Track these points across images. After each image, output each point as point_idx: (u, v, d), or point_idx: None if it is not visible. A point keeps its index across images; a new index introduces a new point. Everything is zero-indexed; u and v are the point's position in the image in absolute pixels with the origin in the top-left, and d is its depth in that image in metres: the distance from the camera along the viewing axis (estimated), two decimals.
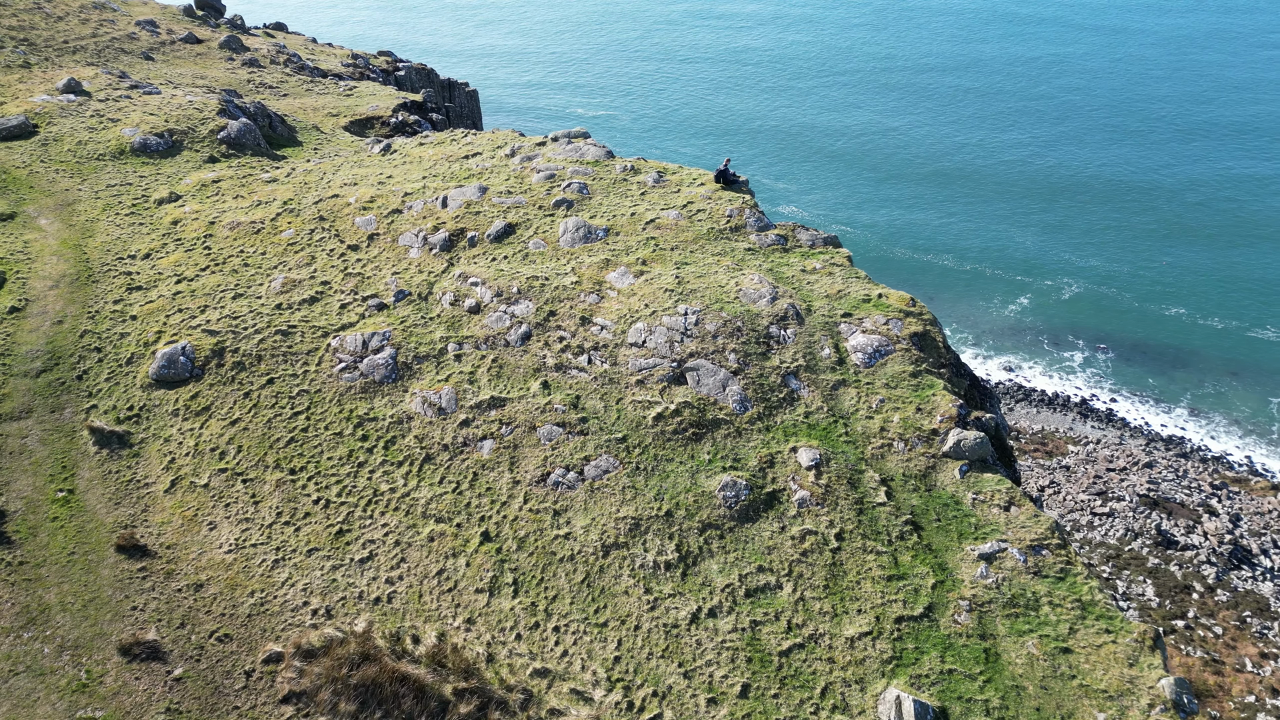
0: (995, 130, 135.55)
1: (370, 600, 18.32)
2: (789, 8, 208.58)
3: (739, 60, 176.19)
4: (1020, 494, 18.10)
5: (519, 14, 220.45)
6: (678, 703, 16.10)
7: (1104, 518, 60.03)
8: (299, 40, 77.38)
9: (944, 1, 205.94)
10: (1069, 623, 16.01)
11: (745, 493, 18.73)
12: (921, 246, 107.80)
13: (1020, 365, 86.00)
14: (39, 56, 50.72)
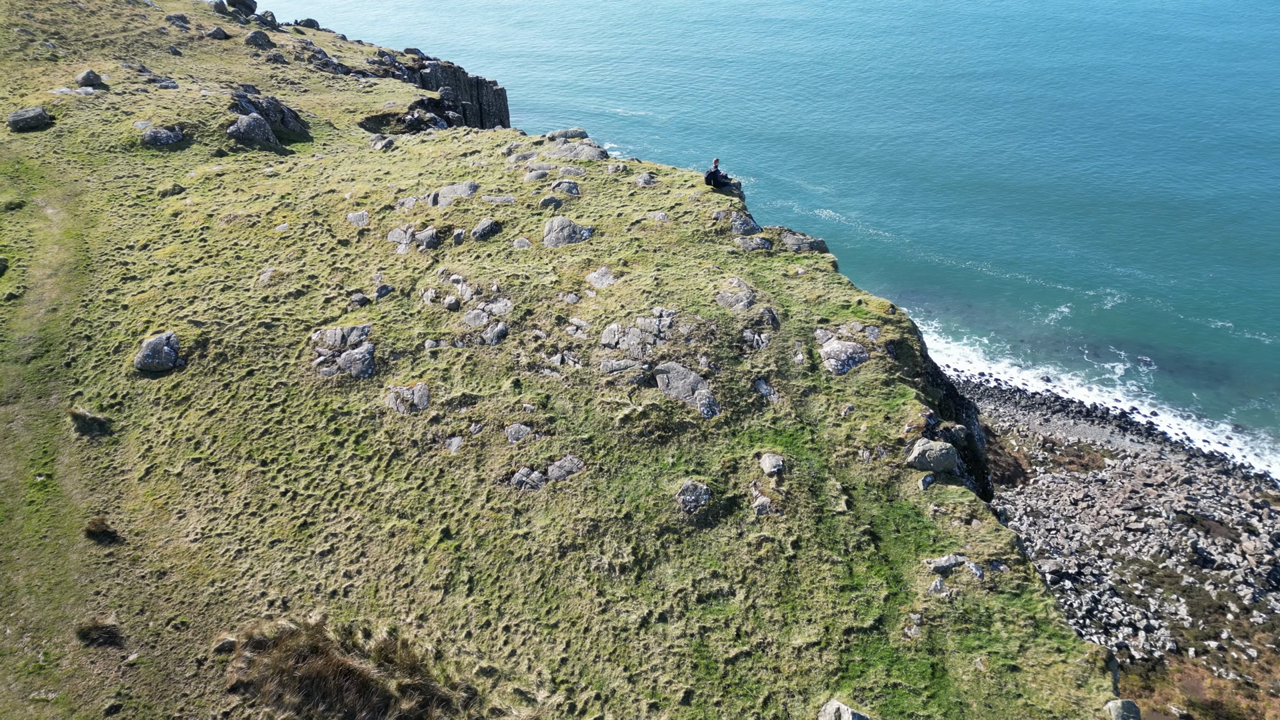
0: (1035, 138, 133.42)
1: (327, 593, 18.43)
2: (828, 11, 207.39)
3: (777, 64, 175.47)
4: (983, 507, 17.75)
5: (558, 15, 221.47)
6: (619, 707, 16.00)
7: (1138, 533, 58.88)
8: (328, 37, 78.30)
9: (985, 7, 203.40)
10: (1020, 640, 15.66)
11: (705, 497, 18.57)
12: (959, 253, 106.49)
13: (1058, 376, 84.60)
14: (68, 50, 51.81)
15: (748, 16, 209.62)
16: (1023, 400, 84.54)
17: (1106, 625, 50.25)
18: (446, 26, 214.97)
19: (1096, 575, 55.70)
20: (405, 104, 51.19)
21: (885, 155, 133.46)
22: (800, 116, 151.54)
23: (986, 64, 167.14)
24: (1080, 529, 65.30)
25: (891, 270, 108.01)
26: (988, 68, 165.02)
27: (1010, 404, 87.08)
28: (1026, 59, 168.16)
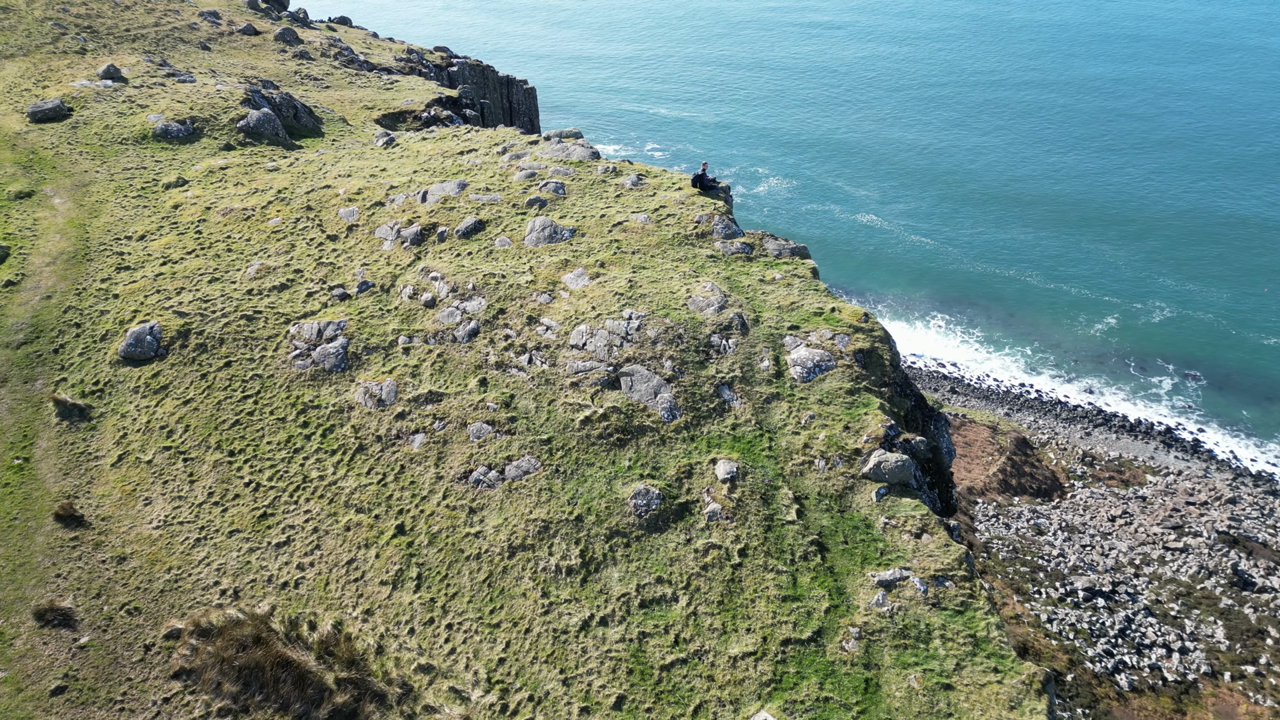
0: (1085, 148, 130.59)
1: (279, 584, 18.61)
2: (874, 16, 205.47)
3: (821, 68, 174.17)
4: (935, 521, 17.42)
5: (601, 16, 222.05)
6: (551, 709, 15.95)
7: (1177, 553, 57.64)
8: (359, 35, 79.30)
9: (1037, 13, 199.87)
10: (957, 658, 15.34)
11: (657, 502, 18.45)
12: (1002, 262, 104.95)
13: (1102, 389, 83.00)
14: (98, 44, 53.01)
15: (793, 20, 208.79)
16: (1063, 413, 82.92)
17: (1139, 645, 49.16)
18: (489, 27, 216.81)
19: (1131, 594, 54.53)
20: (423, 101, 51.64)
21: (930, 163, 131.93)
22: (843, 121, 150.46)
23: (1037, 71, 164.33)
24: (1117, 546, 64.02)
25: (933, 277, 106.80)
26: (1038, 75, 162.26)
27: (1050, 416, 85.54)
28: (1078, 67, 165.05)
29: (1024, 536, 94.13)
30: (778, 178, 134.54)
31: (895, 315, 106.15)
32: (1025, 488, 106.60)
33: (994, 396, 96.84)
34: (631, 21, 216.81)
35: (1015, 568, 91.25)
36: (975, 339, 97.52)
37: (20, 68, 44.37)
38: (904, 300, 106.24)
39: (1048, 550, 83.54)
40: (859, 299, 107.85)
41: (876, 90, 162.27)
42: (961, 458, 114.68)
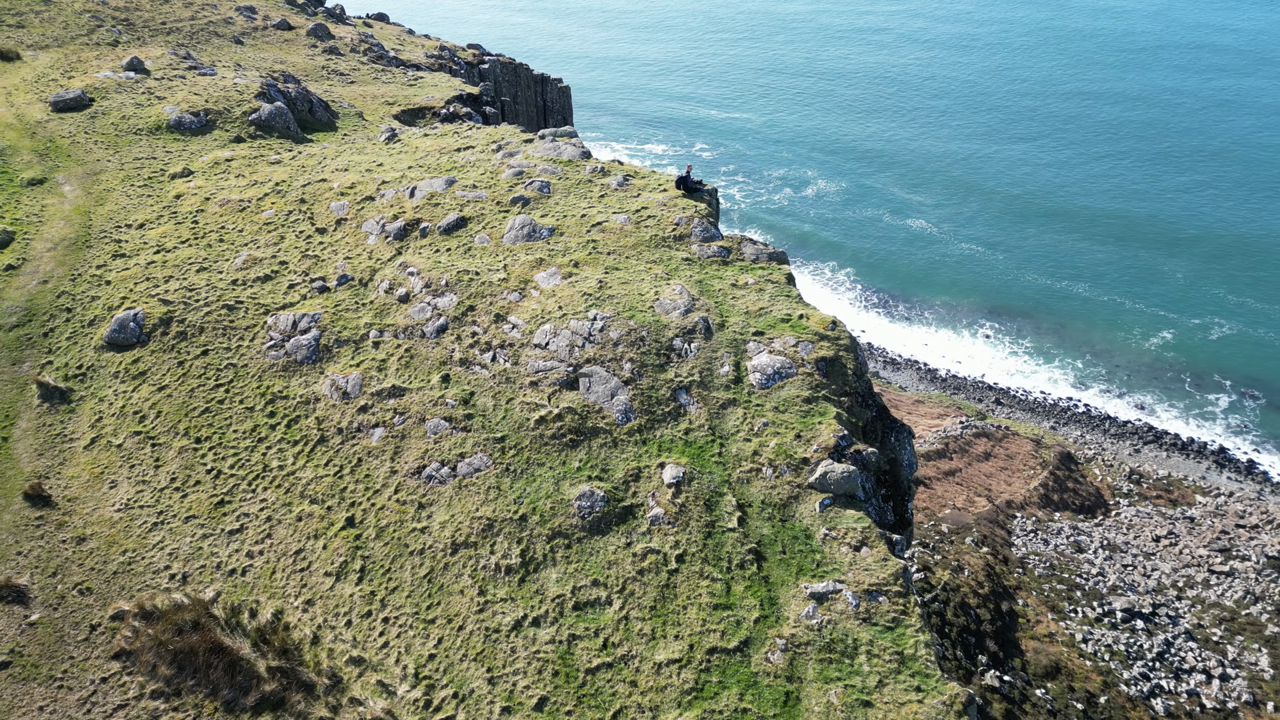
0: (1148, 164, 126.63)
1: (227, 571, 18.88)
2: (938, 24, 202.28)
3: (881, 77, 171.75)
4: (876, 535, 17.10)
5: (656, 17, 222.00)
6: (474, 707, 15.97)
7: (1222, 577, 56.15)
8: (393, 31, 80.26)
9: (1104, 22, 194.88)
10: (880, 675, 15.04)
11: (601, 504, 18.38)
12: (1055, 272, 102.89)
13: (1154, 405, 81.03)
14: (132, 36, 54.33)
15: (847, 24, 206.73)
16: (1112, 428, 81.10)
17: (1178, 670, 47.93)
18: (531, 26, 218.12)
19: (1172, 617, 53.20)
20: (443, 98, 52.09)
21: (981, 171, 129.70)
22: (894, 127, 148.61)
23: (1095, 81, 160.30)
24: (1160, 567, 62.51)
25: (982, 285, 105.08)
26: (1096, 85, 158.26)
27: (1098, 431, 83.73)
28: (1138, 77, 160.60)
29: (1063, 553, 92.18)
30: (826, 180, 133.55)
31: (942, 323, 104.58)
32: (1067, 503, 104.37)
33: (1040, 409, 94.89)
34: (682, 24, 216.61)
35: (1051, 585, 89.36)
36: (1024, 350, 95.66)
37: (53, 58, 45.64)
38: (951, 308, 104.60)
39: (1087, 568, 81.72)
40: (905, 304, 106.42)
41: (929, 97, 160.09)
42: (1002, 470, 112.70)
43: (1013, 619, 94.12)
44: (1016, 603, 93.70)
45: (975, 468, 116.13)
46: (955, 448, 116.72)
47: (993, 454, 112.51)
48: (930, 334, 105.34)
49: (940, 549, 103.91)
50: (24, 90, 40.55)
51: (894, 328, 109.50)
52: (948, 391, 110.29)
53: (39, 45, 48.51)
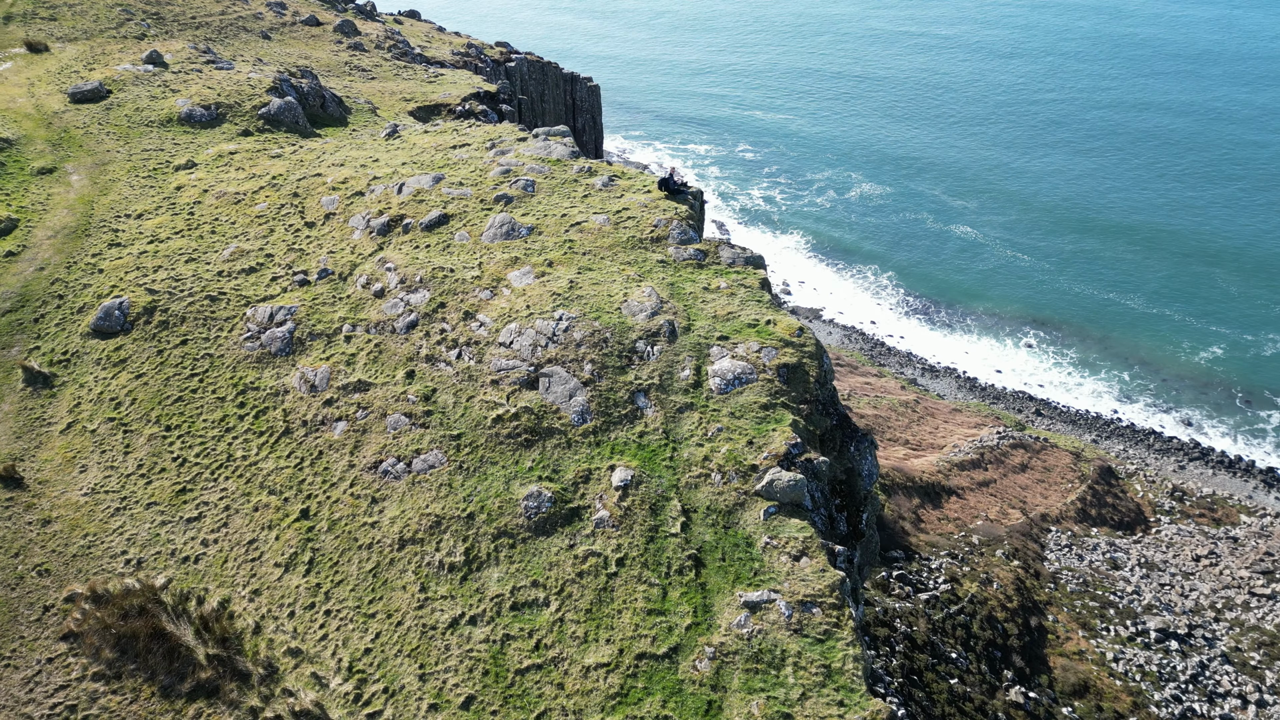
0: (1208, 181, 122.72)
1: (180, 558, 19.16)
2: (989, 30, 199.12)
3: (930, 84, 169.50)
4: (816, 545, 16.86)
5: (704, 19, 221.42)
6: (403, 703, 16.03)
7: (1264, 600, 54.81)
8: (424, 28, 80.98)
9: (1164, 31, 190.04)
10: (804, 688, 14.83)
11: (548, 505, 18.35)
12: (1102, 283, 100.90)
13: (1202, 421, 79.25)
14: (161, 30, 55.43)
15: (902, 29, 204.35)
16: (1157, 443, 79.43)
17: (1212, 694, 46.80)
18: (581, 29, 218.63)
19: (1209, 639, 51.97)
20: (459, 95, 52.43)
21: (1030, 180, 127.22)
22: (943, 135, 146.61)
23: (1155, 94, 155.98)
24: (1198, 587, 61.20)
25: (1027, 294, 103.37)
26: (1156, 97, 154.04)
27: (1141, 446, 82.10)
28: (1201, 90, 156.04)
29: (1097, 569, 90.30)
30: (870, 184, 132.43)
31: (984, 331, 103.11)
32: (1106, 519, 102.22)
33: (1082, 422, 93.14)
34: (728, 25, 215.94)
35: (1084, 601, 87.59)
36: (1068, 361, 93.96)
37: (78, 50, 46.73)
38: (994, 316, 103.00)
39: (1122, 586, 79.98)
40: (947, 311, 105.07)
41: (977, 104, 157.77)
42: (1038, 483, 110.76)
43: (1041, 635, 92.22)
44: (1046, 618, 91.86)
45: (1011, 479, 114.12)
46: (991, 458, 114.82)
47: (1030, 465, 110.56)
48: (971, 342, 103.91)
49: (969, 560, 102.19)
50: (45, 81, 41.56)
51: (934, 335, 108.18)
52: (986, 401, 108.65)
53: (68, 38, 49.71)
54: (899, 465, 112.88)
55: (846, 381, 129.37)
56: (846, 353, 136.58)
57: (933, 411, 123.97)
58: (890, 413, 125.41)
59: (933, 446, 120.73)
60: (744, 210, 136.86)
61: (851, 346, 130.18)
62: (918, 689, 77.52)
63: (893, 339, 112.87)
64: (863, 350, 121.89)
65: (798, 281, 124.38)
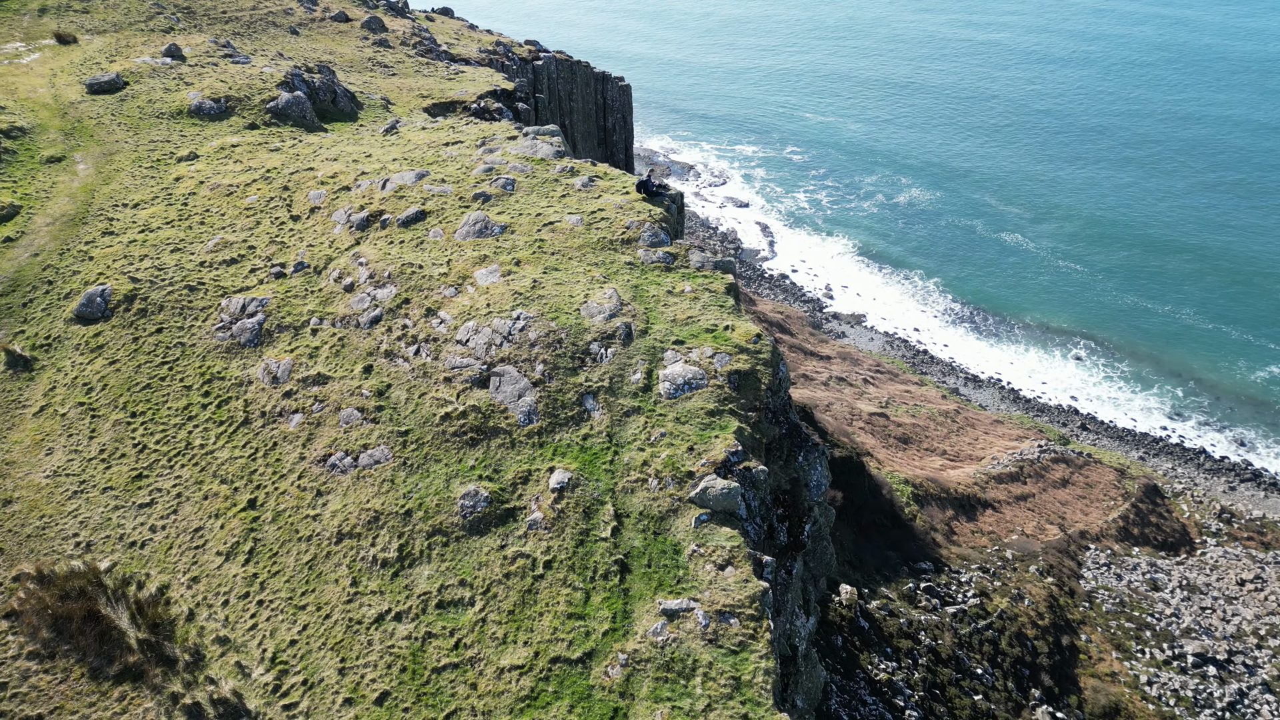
0: (1272, 199, 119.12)
1: (128, 543, 19.49)
2: (1056, 39, 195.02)
3: (986, 93, 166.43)
4: (743, 555, 16.63)
5: (759, 23, 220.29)
6: (319, 696, 16.13)
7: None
8: (454, 25, 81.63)
9: (1236, 42, 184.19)
10: (710, 699, 14.63)
11: (483, 504, 18.35)
12: (1158, 296, 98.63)
13: (1256, 441, 77.25)
14: (190, 24, 56.57)
15: (964, 37, 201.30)
16: (1206, 463, 77.47)
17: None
18: (633, 31, 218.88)
19: (1250, 666, 50.58)
20: (476, 93, 52.73)
21: (1089, 195, 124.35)
22: (1001, 146, 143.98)
23: (1225, 108, 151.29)
24: (1241, 613, 59.66)
25: (1077, 305, 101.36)
26: (1225, 112, 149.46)
27: (1191, 465, 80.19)
28: (1274, 106, 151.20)
29: (1136, 590, 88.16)
30: (920, 189, 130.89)
31: (1031, 342, 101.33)
32: (1148, 538, 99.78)
33: (1129, 438, 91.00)
34: (783, 30, 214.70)
35: (1119, 622, 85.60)
36: (1118, 375, 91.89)
37: (104, 43, 47.86)
38: (1042, 327, 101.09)
39: (1160, 608, 77.96)
40: (993, 320, 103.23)
41: (1036, 115, 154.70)
42: (1079, 499, 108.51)
43: (1073, 654, 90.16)
44: (1079, 638, 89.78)
45: (1050, 494, 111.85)
46: (1030, 471, 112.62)
47: (1071, 481, 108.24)
48: (1017, 353, 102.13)
49: (1001, 575, 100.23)
50: (67, 72, 42.62)
51: (979, 344, 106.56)
52: (1030, 413, 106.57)
53: (97, 30, 50.94)
54: (934, 476, 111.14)
55: (885, 389, 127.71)
56: (887, 360, 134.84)
57: (973, 422, 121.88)
58: (929, 422, 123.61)
59: (971, 458, 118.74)
60: (789, 213, 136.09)
61: (893, 354, 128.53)
62: (939, 703, 76.09)
63: (936, 347, 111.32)
64: (904, 358, 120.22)
65: (840, 286, 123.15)
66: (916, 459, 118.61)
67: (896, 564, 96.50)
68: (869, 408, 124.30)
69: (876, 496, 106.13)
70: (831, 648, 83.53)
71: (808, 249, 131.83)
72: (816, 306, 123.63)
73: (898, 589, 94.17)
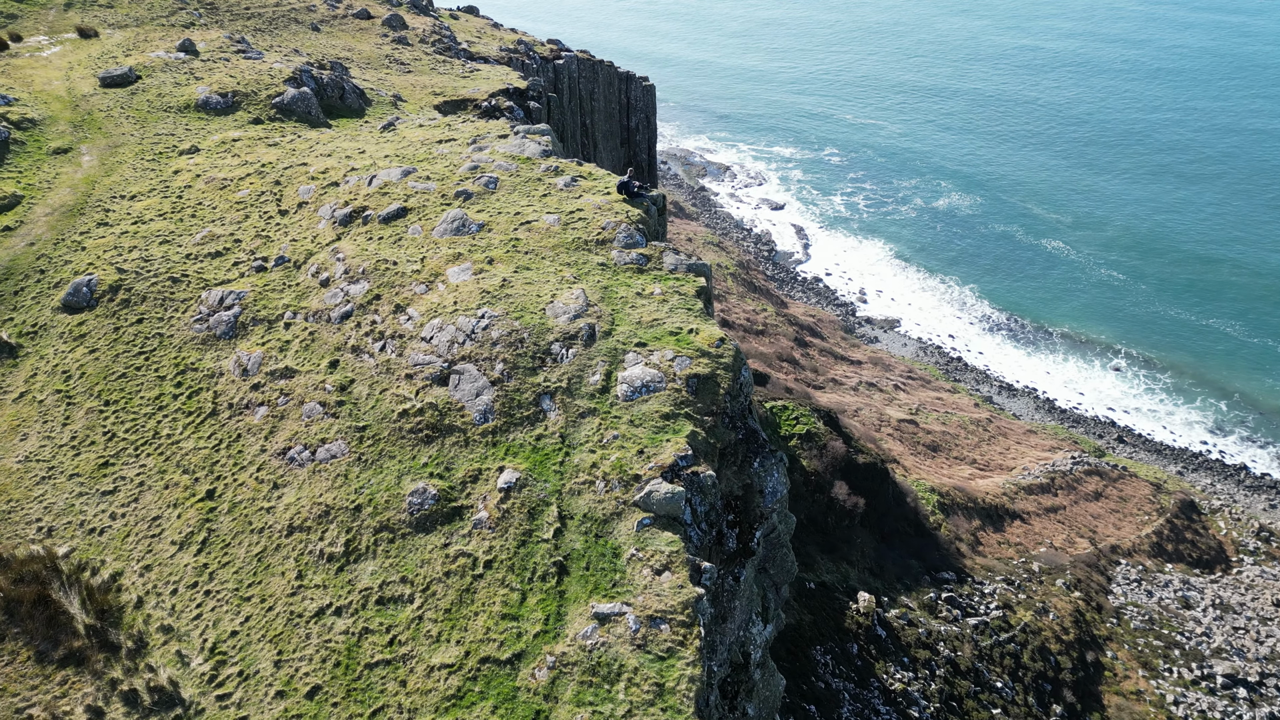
0: None
1: (88, 529, 19.79)
2: (1105, 46, 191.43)
3: (1035, 103, 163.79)
4: (681, 561, 16.48)
5: (801, 28, 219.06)
6: (253, 687, 16.25)
7: None
8: (478, 23, 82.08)
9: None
10: (631, 705, 14.51)
11: (431, 502, 18.38)
12: (1204, 309, 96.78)
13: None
14: (212, 19, 57.43)
15: (1012, 43, 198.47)
16: (1247, 480, 75.87)
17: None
18: (675, 34, 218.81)
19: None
20: (487, 91, 52.94)
21: (1132, 207, 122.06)
22: (1043, 156, 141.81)
23: (1273, 121, 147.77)
24: (1276, 634, 58.46)
25: (1118, 315, 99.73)
26: (1274, 124, 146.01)
27: (1230, 481, 78.62)
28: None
29: (1166, 607, 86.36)
30: (960, 194, 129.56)
31: (1069, 351, 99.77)
32: (1182, 555, 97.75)
33: (1167, 452, 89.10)
34: (825, 34, 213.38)
35: (1148, 640, 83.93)
36: (1158, 388, 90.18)
37: (125, 37, 48.75)
38: (1082, 337, 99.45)
39: (1191, 627, 76.26)
40: (1030, 328, 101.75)
41: (1082, 126, 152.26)
42: (1112, 513, 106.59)
43: (1097, 671, 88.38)
44: (1104, 654, 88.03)
45: (1082, 507, 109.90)
46: (1062, 483, 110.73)
47: (1104, 494, 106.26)
48: (1055, 362, 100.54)
49: (1027, 588, 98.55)
50: (84, 65, 43.46)
51: (1015, 352, 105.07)
52: (1065, 424, 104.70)
53: (119, 24, 51.91)
54: (962, 485, 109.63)
55: (916, 395, 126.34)
56: (919, 366, 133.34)
57: (1005, 431, 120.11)
58: (960, 430, 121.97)
59: (1001, 468, 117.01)
60: (825, 216, 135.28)
61: (926, 360, 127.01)
62: (955, 716, 74.80)
63: (970, 354, 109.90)
64: (937, 364, 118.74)
65: (875, 290, 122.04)
66: (945, 467, 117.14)
67: (918, 573, 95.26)
68: (898, 414, 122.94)
69: (900, 504, 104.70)
70: (846, 656, 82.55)
71: (843, 252, 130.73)
72: (850, 310, 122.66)
73: (918, 598, 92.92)
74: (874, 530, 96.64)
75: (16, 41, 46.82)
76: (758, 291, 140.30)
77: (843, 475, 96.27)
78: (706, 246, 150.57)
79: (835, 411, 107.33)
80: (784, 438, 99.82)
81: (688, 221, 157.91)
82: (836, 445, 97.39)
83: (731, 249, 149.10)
